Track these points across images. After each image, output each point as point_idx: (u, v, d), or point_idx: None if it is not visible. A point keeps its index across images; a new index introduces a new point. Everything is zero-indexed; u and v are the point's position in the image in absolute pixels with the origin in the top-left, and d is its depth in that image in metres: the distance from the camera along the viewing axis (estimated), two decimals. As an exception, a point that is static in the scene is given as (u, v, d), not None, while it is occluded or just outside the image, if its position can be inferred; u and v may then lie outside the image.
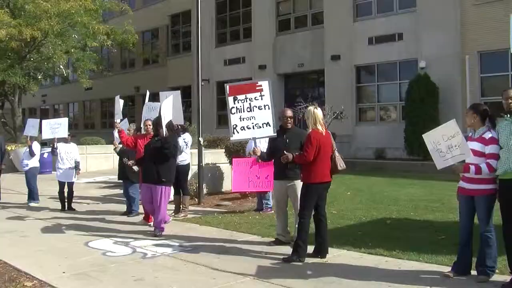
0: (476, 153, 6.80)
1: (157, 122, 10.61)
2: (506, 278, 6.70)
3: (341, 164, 8.53)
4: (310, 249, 8.39)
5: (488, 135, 6.94)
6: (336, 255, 8.48)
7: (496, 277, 6.89)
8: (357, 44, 26.62)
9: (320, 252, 8.37)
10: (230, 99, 9.75)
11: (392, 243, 8.91)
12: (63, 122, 14.16)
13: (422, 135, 7.32)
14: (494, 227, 6.84)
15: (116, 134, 12.77)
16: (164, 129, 10.25)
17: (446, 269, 7.26)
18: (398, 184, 16.53)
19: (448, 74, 22.91)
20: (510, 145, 6.45)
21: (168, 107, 10.56)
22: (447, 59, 23.06)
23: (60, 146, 13.86)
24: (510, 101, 6.57)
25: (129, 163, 11.66)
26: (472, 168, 6.79)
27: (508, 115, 6.62)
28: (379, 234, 9.74)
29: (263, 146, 10.59)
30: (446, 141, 6.83)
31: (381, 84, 26.67)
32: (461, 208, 7.26)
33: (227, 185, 15.93)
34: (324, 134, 8.29)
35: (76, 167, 13.99)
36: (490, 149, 6.84)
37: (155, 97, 14.41)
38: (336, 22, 27.25)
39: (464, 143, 6.70)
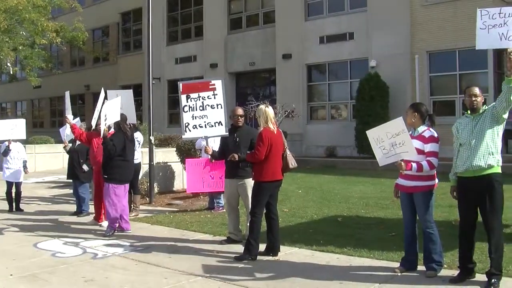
0: (417, 151, 6.92)
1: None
2: (454, 272, 6.81)
3: (292, 163, 8.58)
4: (262, 247, 8.38)
5: (427, 133, 7.12)
6: (288, 253, 8.51)
7: (444, 272, 7.01)
8: (308, 43, 26.79)
9: (272, 250, 8.39)
10: (183, 97, 9.68)
11: (343, 241, 8.98)
12: (20, 123, 13.87)
13: (366, 132, 7.40)
14: (440, 223, 6.94)
15: (66, 131, 12.59)
16: (104, 126, 10.11)
17: (397, 265, 7.36)
18: (349, 182, 16.69)
19: (398, 73, 23.28)
20: (472, 143, 6.53)
21: (113, 107, 10.39)
22: (397, 58, 23.43)
23: (12, 146, 13.57)
24: (474, 98, 6.63)
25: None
26: (414, 165, 6.92)
27: (469, 112, 6.72)
28: (331, 232, 9.81)
29: (216, 145, 10.57)
30: (390, 139, 6.90)
31: (332, 83, 26.92)
32: (402, 206, 7.40)
33: (178, 184, 15.85)
34: (275, 132, 8.31)
35: (24, 166, 13.73)
36: (429, 147, 7.01)
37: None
38: (288, 21, 27.35)
39: (409, 142, 6.79)
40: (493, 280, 6.41)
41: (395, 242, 8.66)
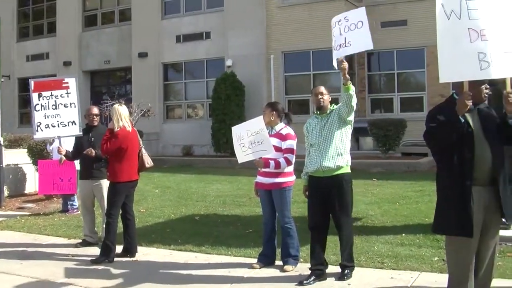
0: (275, 148, 7.07)
1: None
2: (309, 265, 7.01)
3: (148, 162, 8.50)
4: (119, 248, 8.25)
5: (285, 131, 7.33)
6: (145, 253, 8.42)
7: (300, 266, 7.23)
8: (164, 41, 26.62)
9: (129, 251, 8.27)
10: (35, 96, 9.27)
11: (201, 239, 9.02)
12: None
13: (232, 128, 7.47)
14: (297, 219, 7.13)
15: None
16: None
17: (254, 261, 7.49)
18: (206, 181, 16.75)
19: (254, 72, 23.70)
20: (322, 145, 6.67)
21: None
22: (253, 58, 23.84)
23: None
24: (320, 96, 6.79)
25: None
26: (272, 163, 7.09)
27: (318, 112, 6.88)
28: (188, 231, 9.81)
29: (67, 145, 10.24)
30: (249, 137, 6.99)
31: (188, 82, 26.92)
32: (262, 203, 7.56)
33: (30, 187, 15.21)
34: (130, 131, 8.19)
35: None
36: (287, 144, 7.21)
37: None
38: (144, 19, 27.02)
39: (268, 140, 6.91)
40: (346, 271, 6.70)
41: (252, 238, 8.82)
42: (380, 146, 20.13)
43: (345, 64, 6.43)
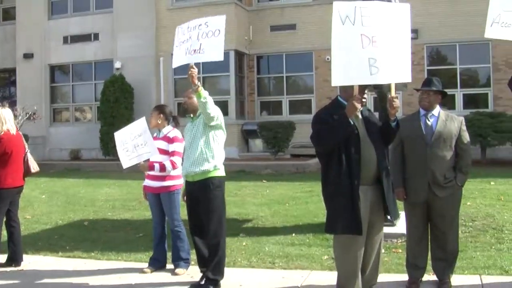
0: (161, 151, 7.06)
1: None
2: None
3: (34, 167, 8.19)
4: (3, 258, 7.93)
5: (172, 134, 7.31)
6: (32, 261, 8.13)
7: (192, 269, 7.24)
8: (51, 42, 25.85)
9: (14, 260, 7.94)
10: None
11: (90, 245, 8.86)
12: None
13: (114, 134, 7.33)
14: (186, 222, 7.08)
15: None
16: None
17: (145, 265, 7.43)
18: (94, 185, 16.43)
19: (143, 75, 23.49)
20: (189, 149, 6.60)
21: None
22: (142, 60, 23.62)
23: None
24: (188, 99, 6.74)
25: None
26: (157, 166, 7.05)
27: (192, 115, 6.77)
28: (77, 237, 9.60)
29: None
30: (133, 140, 6.91)
31: (76, 84, 26.29)
32: (151, 206, 7.51)
33: None
34: (15, 135, 7.89)
35: None
36: (173, 147, 7.18)
37: None
38: (29, 19, 26.07)
39: (150, 141, 6.85)
40: (208, 285, 6.52)
41: (143, 242, 8.75)
42: (269, 148, 20.49)
43: (194, 71, 6.21)
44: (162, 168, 7.07)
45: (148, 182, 7.39)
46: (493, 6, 5.92)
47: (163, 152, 7.11)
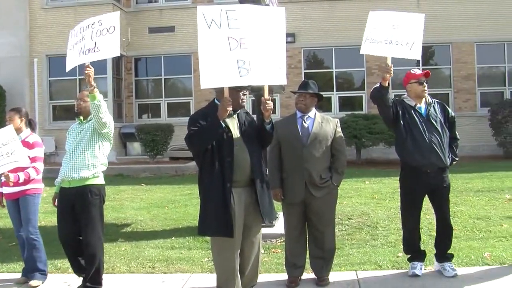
0: None
1: None
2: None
3: None
4: None
5: (32, 139, 7.03)
6: None
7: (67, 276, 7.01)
8: None
9: None
10: None
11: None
12: None
13: None
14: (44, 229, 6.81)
15: None
16: None
17: (19, 275, 7.13)
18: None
19: (16, 76, 22.58)
20: (72, 152, 6.34)
21: None
22: (14, 61, 22.67)
23: None
24: (82, 102, 6.55)
25: None
26: (22, 175, 6.68)
27: (82, 118, 6.55)
28: None
29: None
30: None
31: None
32: (10, 214, 7.14)
33: None
34: None
35: None
36: (34, 152, 6.90)
37: None
38: None
39: (19, 149, 6.48)
40: None
41: (15, 252, 8.38)
42: (148, 151, 20.37)
43: (90, 70, 6.14)
44: (28, 177, 6.74)
45: (6, 189, 6.95)
46: (368, 24, 6.34)
47: None
